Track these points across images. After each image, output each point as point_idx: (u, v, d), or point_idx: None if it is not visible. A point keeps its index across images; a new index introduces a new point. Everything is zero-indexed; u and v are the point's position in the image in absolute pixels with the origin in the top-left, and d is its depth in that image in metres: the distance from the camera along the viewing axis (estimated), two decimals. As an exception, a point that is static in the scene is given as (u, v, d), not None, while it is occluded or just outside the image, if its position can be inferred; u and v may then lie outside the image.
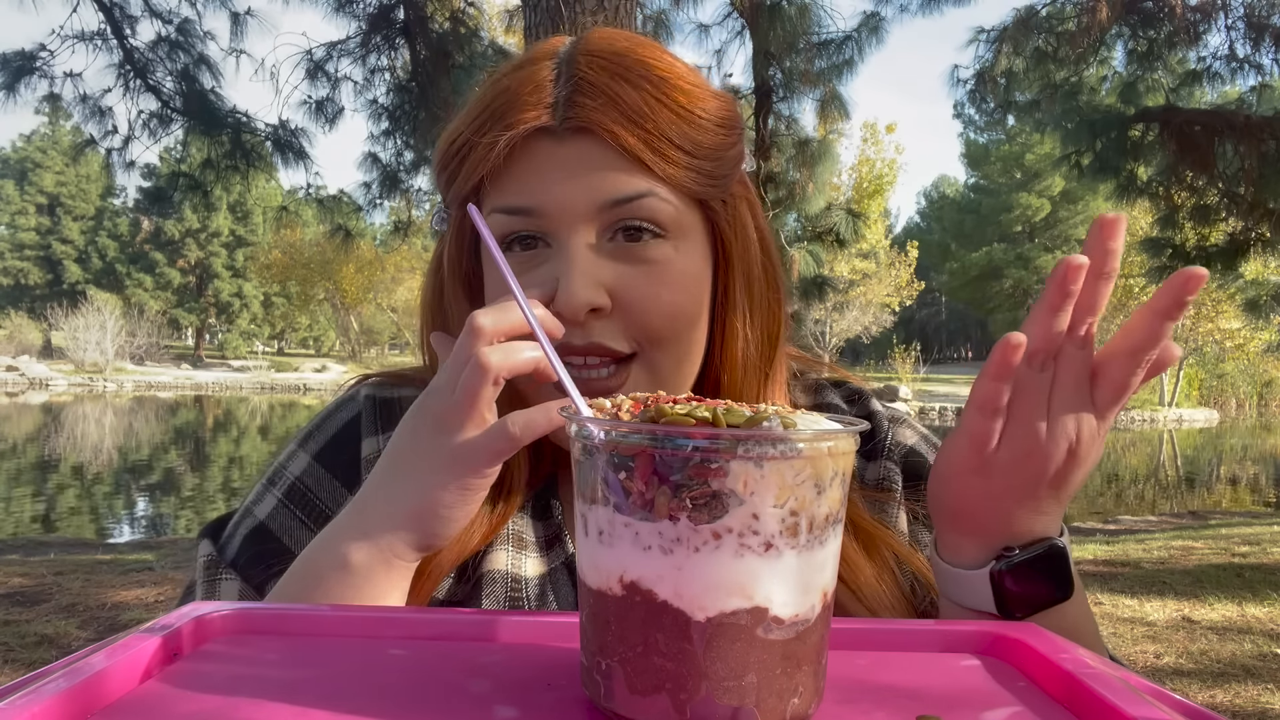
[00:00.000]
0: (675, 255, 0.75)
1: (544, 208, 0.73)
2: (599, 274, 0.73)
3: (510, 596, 0.76)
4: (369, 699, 0.46)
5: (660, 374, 0.77)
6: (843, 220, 6.93)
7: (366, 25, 7.01)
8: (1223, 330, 27.37)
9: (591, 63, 0.74)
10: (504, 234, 0.75)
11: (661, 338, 0.75)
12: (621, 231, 0.74)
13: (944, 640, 0.57)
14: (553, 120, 0.72)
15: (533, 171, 0.73)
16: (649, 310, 0.74)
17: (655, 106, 0.73)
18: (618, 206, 0.72)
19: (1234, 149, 6.70)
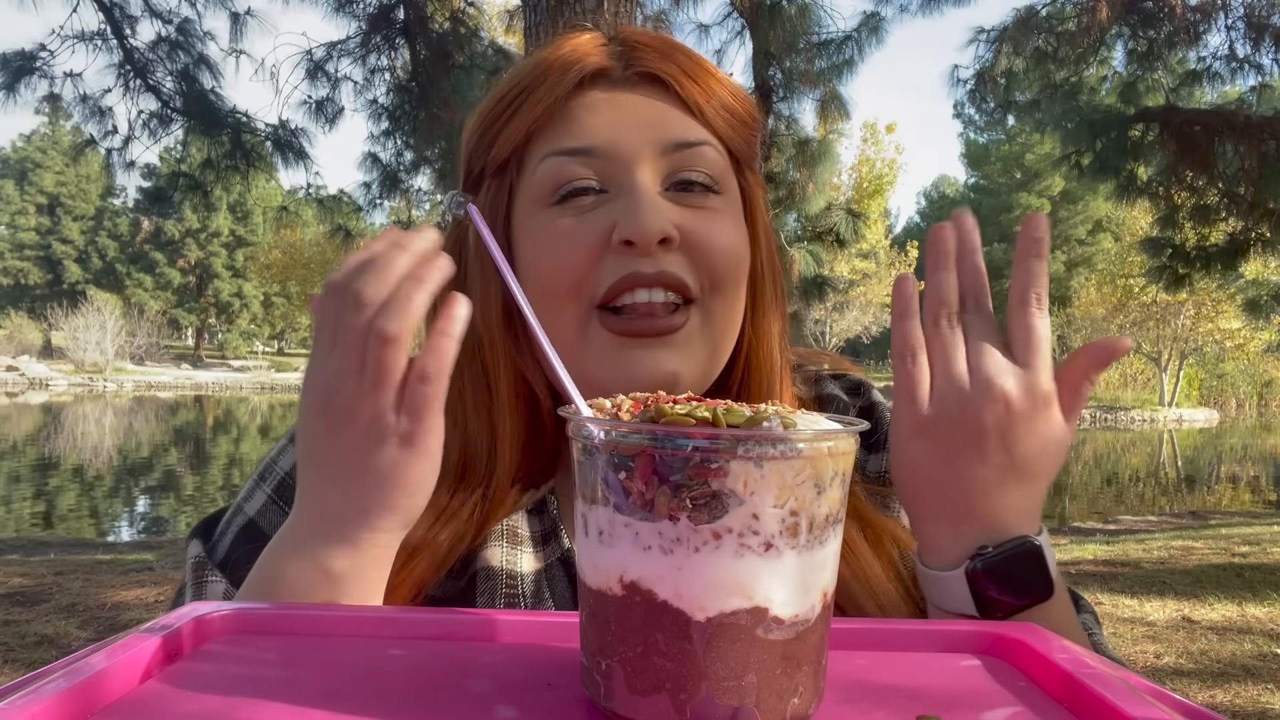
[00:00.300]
0: (725, 209, 0.77)
1: (607, 148, 0.73)
2: (665, 211, 0.73)
3: (506, 593, 0.75)
4: (369, 699, 0.46)
5: (715, 324, 0.77)
6: (843, 220, 6.93)
7: (366, 25, 7.01)
8: (1223, 330, 27.39)
9: (640, 34, 0.78)
10: (560, 181, 0.74)
11: (722, 280, 0.76)
12: (677, 183, 0.75)
13: (944, 640, 0.57)
14: (615, 65, 0.75)
15: (593, 114, 0.74)
16: (711, 248, 0.74)
17: (703, 71, 0.77)
18: (679, 151, 0.74)
19: (1234, 149, 6.70)
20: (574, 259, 0.73)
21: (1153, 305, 27.63)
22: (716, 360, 0.79)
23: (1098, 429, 27.41)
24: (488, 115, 0.79)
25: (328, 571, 0.64)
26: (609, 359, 0.74)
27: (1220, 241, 7.56)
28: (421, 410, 0.61)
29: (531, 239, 0.76)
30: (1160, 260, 7.90)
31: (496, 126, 0.77)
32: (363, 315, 0.60)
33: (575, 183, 0.74)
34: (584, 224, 0.73)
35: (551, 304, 0.74)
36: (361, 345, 0.60)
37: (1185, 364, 30.59)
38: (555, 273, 0.74)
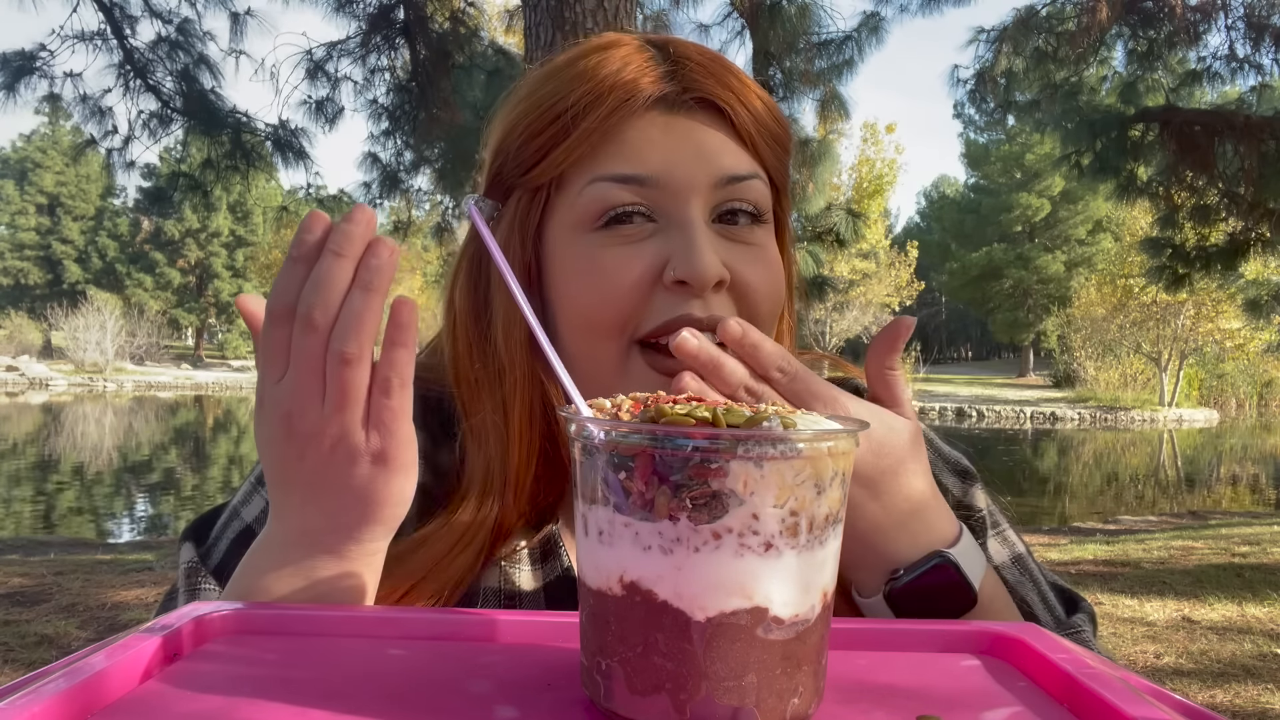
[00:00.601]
0: (768, 241, 0.75)
1: (660, 178, 0.71)
2: (717, 249, 0.71)
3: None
4: (369, 699, 0.46)
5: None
6: (843, 220, 6.93)
7: (366, 25, 7.01)
8: (1223, 330, 27.37)
9: (683, 46, 0.74)
10: (607, 206, 0.71)
11: (767, 319, 0.75)
12: (727, 213, 0.73)
13: (944, 640, 0.57)
14: (671, 89, 0.71)
15: (648, 140, 0.71)
16: (759, 290, 0.73)
17: (750, 93, 0.74)
18: (733, 184, 0.72)
19: (1234, 149, 6.70)
20: (621, 293, 0.71)
21: (1153, 305, 27.61)
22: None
23: (1098, 429, 27.41)
24: (530, 127, 0.74)
25: (315, 582, 0.62)
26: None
27: (1220, 241, 7.56)
28: (390, 425, 0.59)
29: (573, 265, 0.73)
30: (1160, 260, 7.90)
31: (540, 143, 0.73)
32: (316, 338, 0.57)
33: (623, 208, 0.71)
34: (633, 256, 0.71)
35: (593, 334, 0.72)
36: (319, 368, 0.58)
37: (1185, 364, 30.55)
38: (601, 305, 0.71)
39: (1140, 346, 30.93)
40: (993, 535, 0.86)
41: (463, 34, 7.09)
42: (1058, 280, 41.59)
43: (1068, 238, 42.68)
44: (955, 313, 62.95)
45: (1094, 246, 41.08)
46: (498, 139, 0.78)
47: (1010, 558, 0.85)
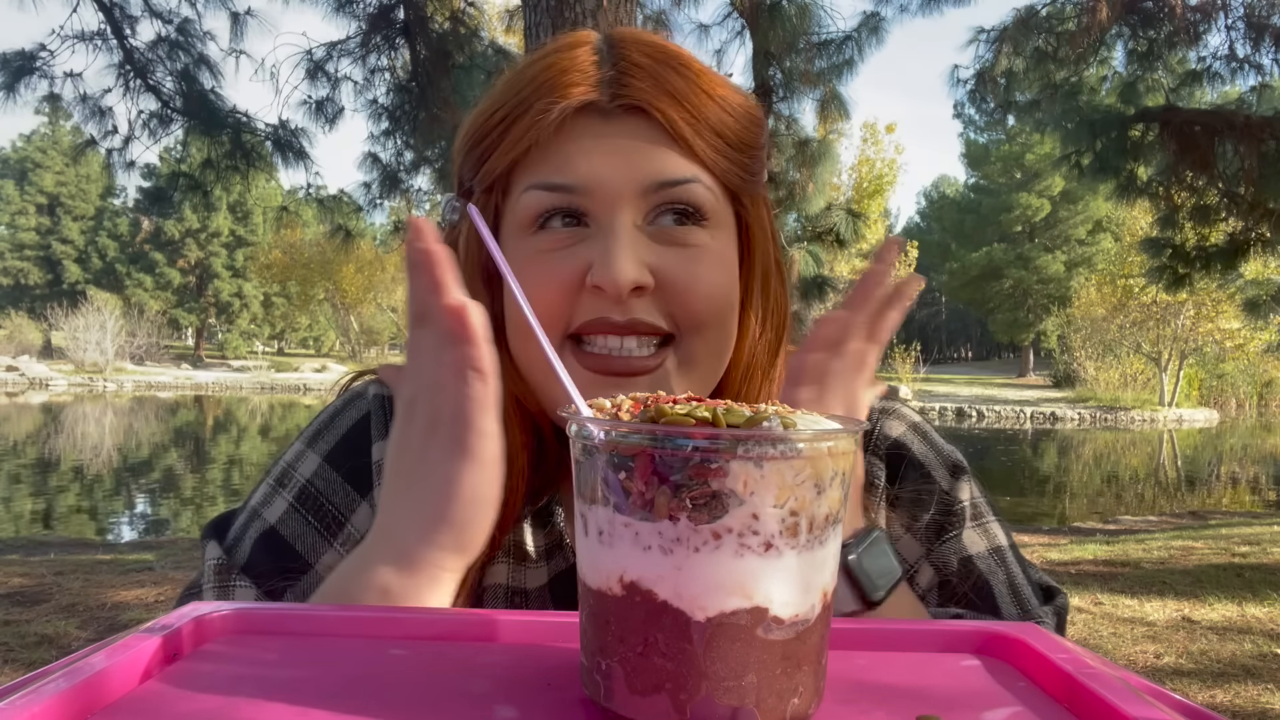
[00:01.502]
0: (712, 242, 0.75)
1: (588, 185, 0.72)
2: (642, 253, 0.71)
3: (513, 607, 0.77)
4: (369, 699, 0.46)
5: (696, 362, 0.75)
6: (843, 220, 6.92)
7: (366, 25, 7.00)
8: (1223, 330, 27.36)
9: (636, 47, 0.74)
10: (539, 212, 0.73)
11: (701, 321, 0.74)
12: (663, 215, 0.73)
13: (944, 640, 0.57)
14: (601, 96, 0.72)
15: (577, 148, 0.72)
16: (690, 292, 0.73)
17: (699, 94, 0.73)
18: (664, 189, 0.72)
19: (1234, 149, 6.70)
20: (548, 294, 0.72)
21: (1153, 305, 27.60)
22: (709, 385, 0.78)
23: (1098, 429, 27.41)
24: (477, 132, 0.77)
25: (384, 590, 0.62)
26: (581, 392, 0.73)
27: (1220, 241, 7.56)
28: (468, 414, 0.61)
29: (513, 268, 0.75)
30: (1160, 260, 7.90)
31: (482, 148, 0.76)
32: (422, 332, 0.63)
33: (553, 214, 0.73)
34: (560, 260, 0.72)
35: (526, 333, 0.73)
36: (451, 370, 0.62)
37: (1185, 364, 30.54)
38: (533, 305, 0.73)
39: (1140, 346, 30.93)
40: (971, 526, 0.87)
41: (463, 34, 7.09)
42: (1058, 280, 41.58)
43: (1068, 238, 42.68)
44: (955, 313, 62.95)
45: (1094, 246, 41.08)
46: (458, 140, 0.80)
47: (988, 549, 0.86)
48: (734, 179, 0.76)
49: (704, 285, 0.73)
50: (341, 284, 40.53)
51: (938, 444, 0.91)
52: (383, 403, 0.86)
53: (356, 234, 8.51)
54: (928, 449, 0.89)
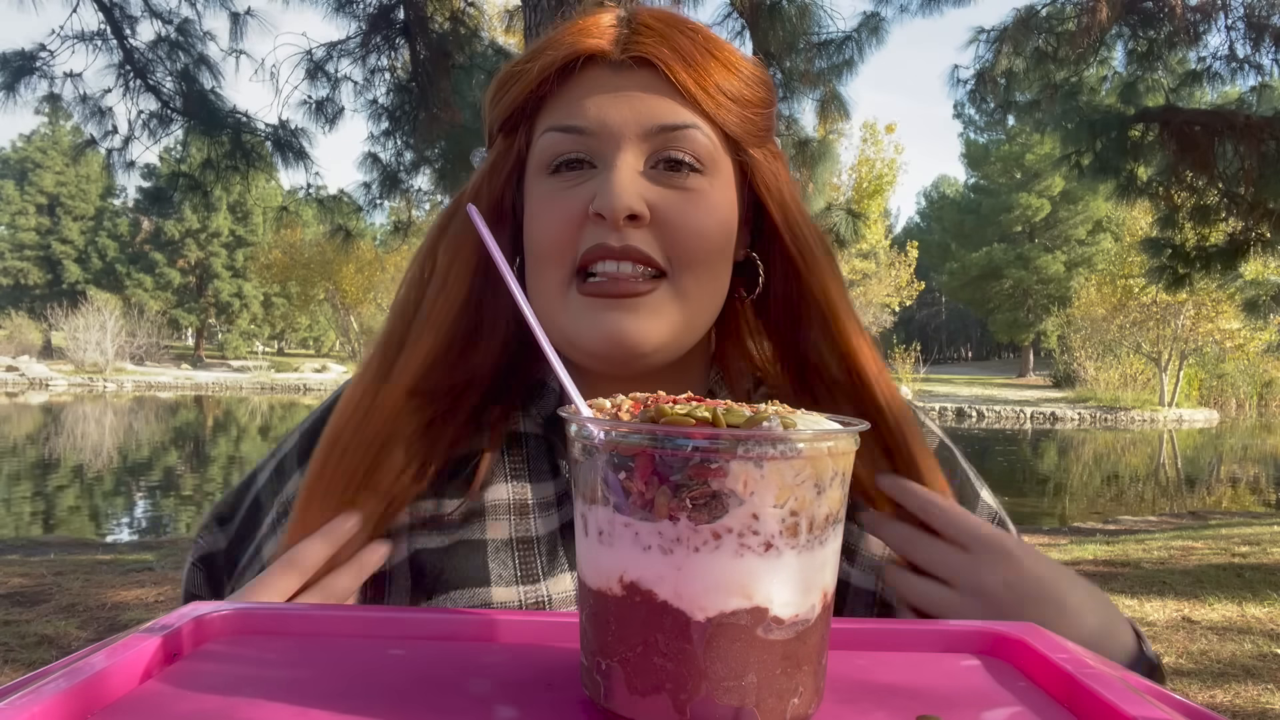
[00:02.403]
0: (710, 189, 0.79)
1: (594, 127, 0.77)
2: (640, 188, 0.76)
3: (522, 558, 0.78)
4: (369, 699, 0.46)
5: (688, 297, 0.78)
6: (843, 220, 6.92)
7: (366, 25, 7.00)
8: (1223, 330, 27.35)
9: (651, 13, 0.80)
10: (554, 154, 0.79)
11: (692, 259, 0.78)
12: (663, 162, 0.78)
13: (944, 640, 0.57)
14: (613, 49, 0.78)
15: (588, 94, 0.78)
16: (682, 229, 0.77)
17: (704, 54, 0.78)
18: (664, 133, 0.77)
19: (1234, 149, 6.69)
20: (556, 228, 0.78)
21: (1153, 305, 27.59)
22: (689, 332, 0.80)
23: (1098, 429, 27.41)
24: (503, 80, 0.83)
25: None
26: (582, 319, 0.77)
27: (1220, 241, 7.55)
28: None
29: (531, 205, 0.81)
30: (1160, 260, 7.89)
31: (503, 92, 0.82)
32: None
33: (567, 155, 0.78)
34: (569, 195, 0.78)
35: (540, 267, 0.79)
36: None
37: (1185, 364, 30.53)
38: (541, 239, 0.79)
39: (1140, 346, 30.92)
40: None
41: (463, 34, 7.09)
42: (1058, 280, 41.57)
43: (1068, 238, 42.66)
44: (955, 313, 62.94)
45: (1094, 246, 41.07)
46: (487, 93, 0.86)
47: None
48: (736, 129, 0.80)
49: (695, 224, 0.77)
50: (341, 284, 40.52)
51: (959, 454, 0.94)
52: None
53: (356, 234, 8.52)
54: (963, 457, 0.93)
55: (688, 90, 0.77)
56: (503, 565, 0.77)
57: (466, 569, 0.77)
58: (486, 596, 0.76)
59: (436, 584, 0.77)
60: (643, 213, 0.75)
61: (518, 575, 0.77)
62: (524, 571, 0.77)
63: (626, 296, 0.76)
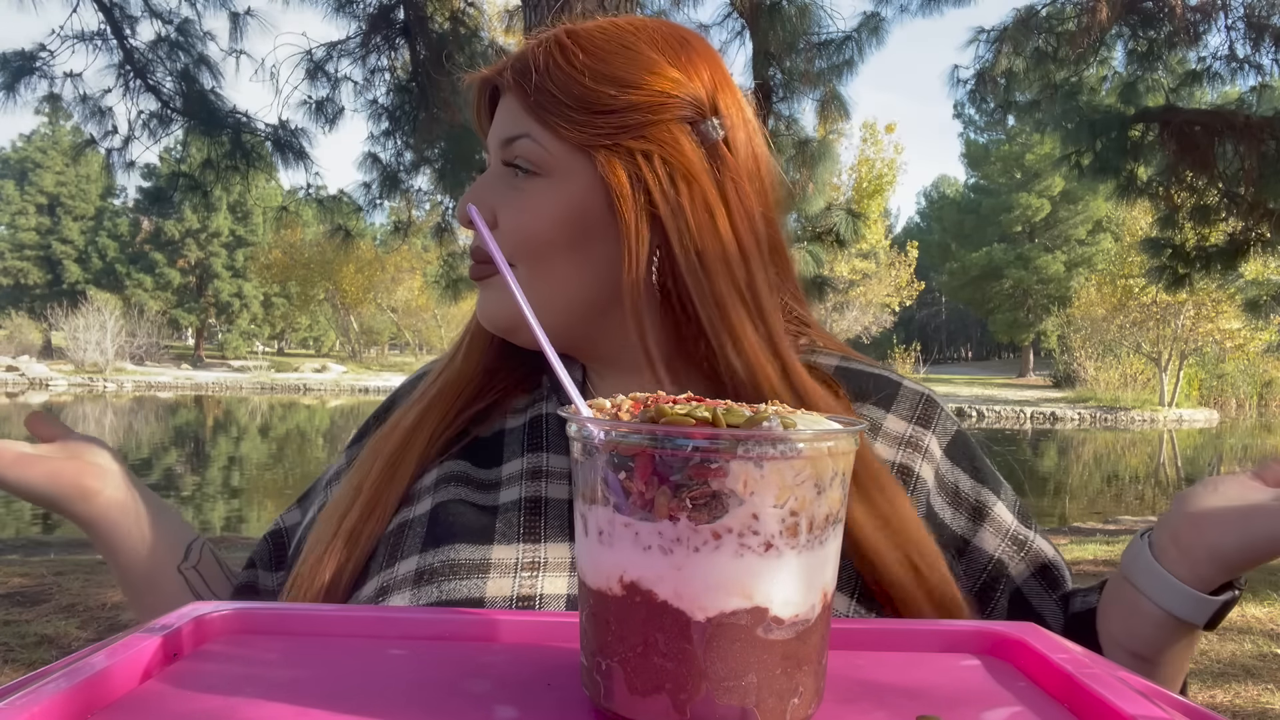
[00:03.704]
0: (547, 190, 0.84)
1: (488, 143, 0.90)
2: (485, 195, 0.87)
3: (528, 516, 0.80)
4: (369, 699, 0.46)
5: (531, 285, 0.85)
6: (843, 220, 6.92)
7: (366, 25, 7.00)
8: (1223, 330, 27.36)
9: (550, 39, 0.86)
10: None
11: (524, 253, 0.85)
12: (510, 166, 0.86)
13: (944, 640, 0.57)
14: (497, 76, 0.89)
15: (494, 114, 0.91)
16: (512, 228, 0.85)
17: (555, 67, 0.83)
18: (504, 146, 0.86)
19: (1234, 149, 6.69)
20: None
21: (1153, 305, 27.59)
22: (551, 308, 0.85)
23: (1098, 429, 27.41)
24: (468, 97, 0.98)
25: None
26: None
27: (1220, 241, 7.55)
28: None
29: None
30: (1160, 260, 7.89)
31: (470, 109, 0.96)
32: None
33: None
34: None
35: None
36: None
37: (1185, 364, 30.53)
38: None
39: (1140, 346, 30.93)
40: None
41: (462, 34, 7.09)
42: (1058, 280, 41.57)
43: (1068, 238, 42.67)
44: (955, 313, 62.94)
45: (1094, 246, 41.08)
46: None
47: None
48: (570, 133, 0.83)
49: (522, 225, 0.85)
50: (341, 284, 40.54)
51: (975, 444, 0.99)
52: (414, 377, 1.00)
53: (356, 234, 8.51)
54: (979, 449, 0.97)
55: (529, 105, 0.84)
56: (508, 523, 0.80)
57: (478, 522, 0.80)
58: (488, 553, 0.77)
59: (446, 534, 0.79)
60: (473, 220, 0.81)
61: (520, 532, 0.79)
62: (528, 528, 0.79)
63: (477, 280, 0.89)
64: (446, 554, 0.77)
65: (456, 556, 0.77)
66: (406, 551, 0.79)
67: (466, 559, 0.76)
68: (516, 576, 0.75)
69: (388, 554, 0.80)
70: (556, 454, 0.86)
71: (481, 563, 0.76)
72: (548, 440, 0.88)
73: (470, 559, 0.76)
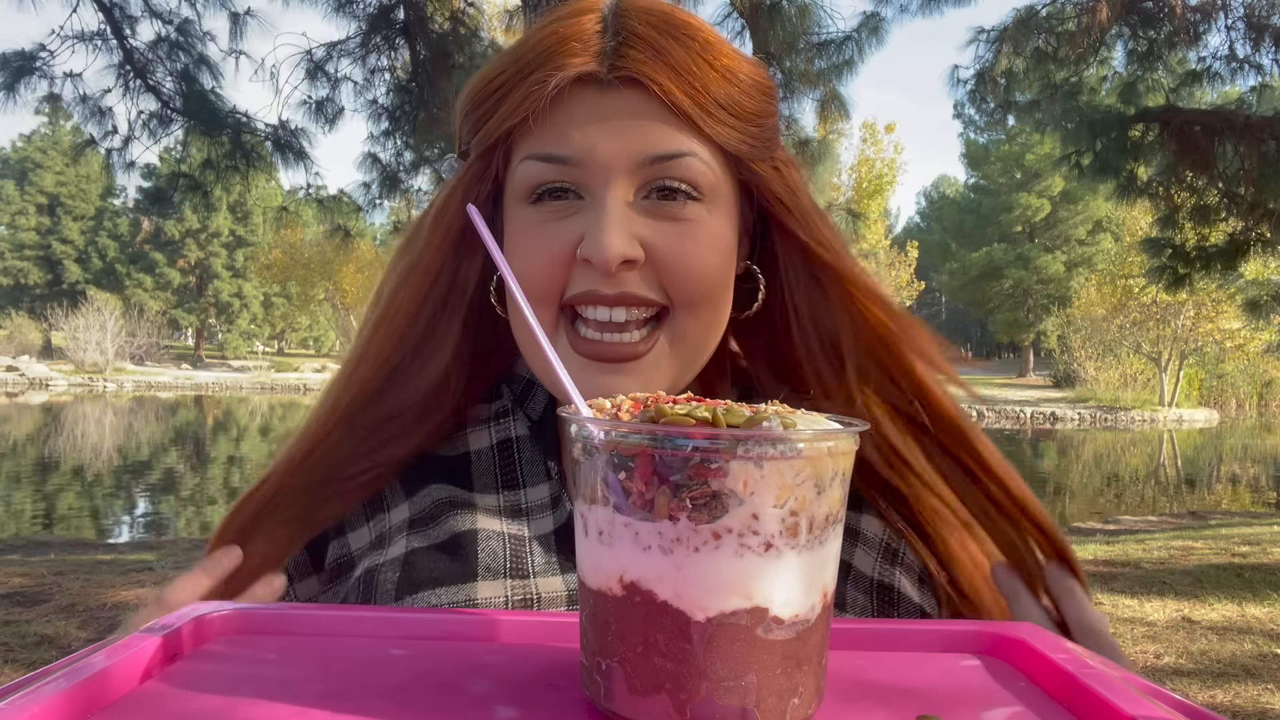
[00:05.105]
0: (708, 217, 0.74)
1: (582, 158, 0.71)
2: (633, 227, 0.71)
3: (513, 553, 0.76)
4: (369, 699, 0.46)
5: (686, 339, 0.75)
6: (843, 220, 6.93)
7: (366, 25, 7.00)
8: (1223, 330, 27.34)
9: (640, 17, 0.73)
10: (536, 184, 0.73)
11: (693, 297, 0.73)
12: (657, 191, 0.72)
13: (944, 640, 0.57)
14: (600, 68, 0.71)
15: (573, 120, 0.71)
16: (682, 266, 0.72)
17: (702, 65, 0.72)
18: (658, 164, 0.71)
19: (1234, 149, 6.69)
20: (542, 267, 0.73)
21: (1153, 305, 27.58)
22: (687, 375, 0.77)
23: (1098, 429, 27.40)
24: (477, 95, 0.76)
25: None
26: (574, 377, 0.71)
27: (1220, 241, 7.55)
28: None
29: (511, 237, 0.76)
30: (1160, 260, 7.89)
31: (480, 113, 0.76)
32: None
33: (550, 184, 0.73)
34: (554, 231, 0.73)
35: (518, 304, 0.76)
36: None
37: (1185, 364, 30.51)
38: (526, 275, 0.72)
39: (1140, 346, 30.91)
40: None
41: (462, 34, 7.09)
42: (1058, 280, 41.55)
43: (1068, 238, 42.64)
44: (955, 313, 62.93)
45: (1094, 246, 41.06)
46: (460, 100, 0.80)
47: None
48: (738, 147, 0.74)
49: (695, 259, 0.73)
50: (341, 284, 40.51)
51: None
52: None
53: (356, 234, 8.52)
54: None
55: (684, 113, 0.71)
56: (493, 558, 0.75)
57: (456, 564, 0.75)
58: (471, 592, 0.73)
59: (425, 579, 0.74)
60: (637, 256, 0.71)
61: (507, 569, 0.75)
62: (514, 566, 0.75)
63: (624, 360, 0.72)
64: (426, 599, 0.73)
65: (438, 602, 0.73)
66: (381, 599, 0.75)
67: (449, 602, 0.73)
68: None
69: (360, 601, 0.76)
70: (532, 485, 0.81)
71: (466, 604, 0.73)
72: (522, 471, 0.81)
73: (454, 602, 0.73)
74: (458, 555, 0.75)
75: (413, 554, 0.76)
